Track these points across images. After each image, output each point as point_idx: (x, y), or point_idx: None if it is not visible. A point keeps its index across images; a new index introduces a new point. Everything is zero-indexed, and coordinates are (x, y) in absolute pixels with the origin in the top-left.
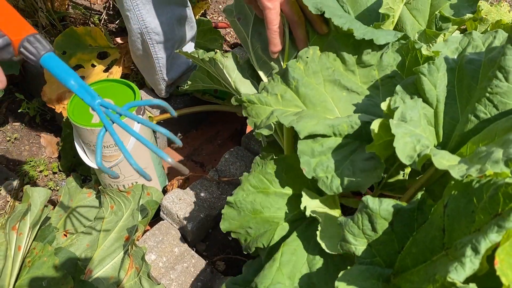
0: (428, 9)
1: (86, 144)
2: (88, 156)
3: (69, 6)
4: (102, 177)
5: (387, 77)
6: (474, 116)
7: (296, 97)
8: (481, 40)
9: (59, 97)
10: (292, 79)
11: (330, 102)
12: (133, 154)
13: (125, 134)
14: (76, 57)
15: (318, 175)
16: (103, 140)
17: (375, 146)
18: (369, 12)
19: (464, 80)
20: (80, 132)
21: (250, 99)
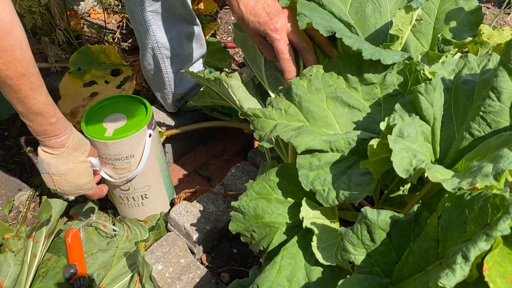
0: (431, 32)
1: (99, 157)
2: (102, 168)
3: (84, 25)
4: (112, 189)
5: (390, 95)
6: (469, 134)
7: (299, 112)
8: (476, 63)
9: (73, 111)
10: (295, 95)
11: (331, 117)
12: (144, 169)
13: (137, 147)
14: (90, 73)
15: (316, 187)
16: (116, 152)
17: (369, 162)
18: (377, 33)
19: (460, 100)
20: (94, 145)
21: (256, 113)
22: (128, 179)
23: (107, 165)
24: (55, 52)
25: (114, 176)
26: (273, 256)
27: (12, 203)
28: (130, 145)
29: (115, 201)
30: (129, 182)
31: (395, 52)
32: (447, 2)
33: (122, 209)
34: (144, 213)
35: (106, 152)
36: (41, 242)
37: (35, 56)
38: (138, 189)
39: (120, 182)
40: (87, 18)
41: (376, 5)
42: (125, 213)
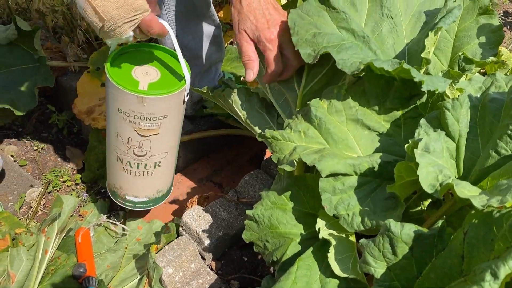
0: (450, 50)
1: (125, 114)
2: (125, 134)
3: None
4: (120, 153)
5: (410, 117)
6: (495, 152)
7: (319, 134)
8: (504, 81)
9: (89, 110)
10: (314, 117)
11: (352, 140)
12: (171, 133)
13: (174, 106)
14: None
15: (340, 212)
16: (150, 111)
17: (396, 186)
18: (397, 55)
19: (486, 118)
20: (123, 99)
21: (274, 135)
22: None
23: (129, 126)
24: (75, 52)
25: (133, 138)
26: (287, 267)
27: (23, 199)
28: (169, 103)
29: (113, 169)
30: (150, 146)
31: (443, 79)
32: (467, 20)
33: (123, 178)
34: (150, 185)
35: (137, 109)
36: (53, 238)
37: (54, 55)
38: (156, 155)
39: (138, 147)
40: None
41: (392, 24)
42: (125, 184)
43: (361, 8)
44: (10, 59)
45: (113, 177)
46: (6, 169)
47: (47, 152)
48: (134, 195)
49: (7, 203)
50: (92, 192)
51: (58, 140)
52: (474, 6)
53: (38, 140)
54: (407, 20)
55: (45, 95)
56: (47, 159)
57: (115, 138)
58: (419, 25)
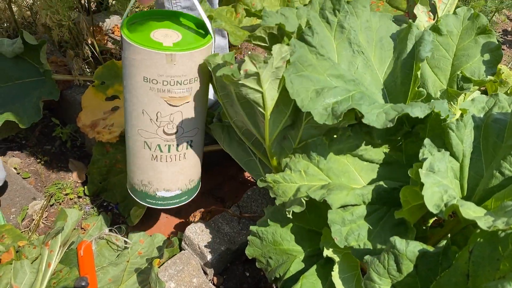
0: (449, 68)
1: (153, 82)
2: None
3: (108, 41)
4: (148, 137)
5: (411, 141)
6: (499, 173)
7: (320, 171)
8: (507, 102)
9: (93, 123)
10: (314, 154)
11: (353, 171)
12: (194, 105)
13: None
14: (113, 88)
15: (350, 243)
16: (180, 72)
17: (404, 211)
18: (378, 90)
19: (490, 138)
20: (148, 60)
21: (275, 179)
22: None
23: (157, 97)
24: (80, 66)
25: (163, 112)
26: (291, 285)
27: (26, 212)
28: (199, 61)
29: (140, 160)
30: (181, 120)
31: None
32: (466, 39)
33: (153, 169)
34: (183, 172)
35: (167, 72)
36: (56, 251)
37: (59, 69)
38: (187, 132)
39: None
40: (110, 34)
41: (365, 60)
42: (155, 176)
43: (329, 48)
44: (16, 72)
45: (139, 172)
46: (9, 181)
47: (50, 164)
48: (166, 189)
49: (9, 215)
50: (95, 205)
51: (61, 152)
52: (472, 26)
53: (42, 153)
54: (372, 51)
55: (50, 108)
56: (50, 172)
57: (140, 119)
58: (385, 54)
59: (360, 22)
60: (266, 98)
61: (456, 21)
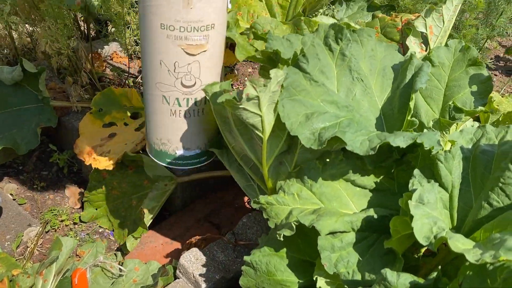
0: (441, 98)
1: (170, 28)
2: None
3: (106, 68)
4: (167, 90)
5: (402, 170)
6: (487, 204)
7: (312, 195)
8: (494, 133)
9: (90, 150)
10: (307, 178)
11: (345, 197)
12: (211, 55)
13: (220, 13)
14: (111, 115)
15: (340, 270)
16: (197, 17)
17: (393, 241)
18: (376, 116)
19: (478, 169)
20: (170, 7)
21: (269, 200)
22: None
23: (174, 46)
24: (78, 93)
25: (180, 62)
26: None
27: (21, 239)
28: (215, 7)
29: (159, 117)
30: (199, 71)
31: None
32: (457, 70)
33: (172, 125)
34: (201, 129)
35: (184, 17)
36: (50, 281)
37: (57, 95)
38: (204, 82)
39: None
40: (109, 61)
41: (364, 87)
42: (174, 133)
43: (330, 75)
44: (14, 98)
45: (158, 130)
46: (4, 207)
47: (47, 190)
48: (186, 147)
49: (4, 242)
50: (90, 231)
51: (58, 178)
52: (463, 58)
53: (38, 179)
54: (374, 79)
55: (47, 133)
56: (46, 198)
57: (158, 70)
58: (386, 83)
59: (364, 51)
60: (264, 121)
61: (448, 53)
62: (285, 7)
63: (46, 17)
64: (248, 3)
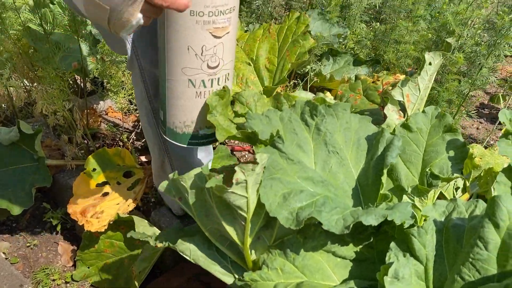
0: (420, 163)
1: (199, 15)
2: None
3: (102, 123)
4: (193, 73)
5: (381, 239)
6: (459, 277)
7: (295, 269)
8: (465, 207)
9: (83, 210)
10: (290, 251)
11: (327, 268)
12: (232, 35)
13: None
14: (104, 174)
15: None
16: (222, 1)
17: None
18: (352, 190)
19: (450, 242)
20: None
21: (253, 277)
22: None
23: (203, 31)
24: (73, 151)
25: (207, 45)
26: None
27: None
28: None
29: (185, 101)
30: (222, 52)
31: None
32: (434, 136)
33: (197, 107)
34: None
35: (213, 2)
36: None
37: (52, 153)
38: (226, 63)
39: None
40: (104, 116)
41: (339, 159)
42: (200, 114)
43: (307, 148)
44: (10, 158)
45: (182, 113)
46: None
47: (40, 248)
48: (208, 126)
49: None
50: None
51: (51, 236)
52: (440, 124)
53: (31, 236)
54: (349, 150)
55: (41, 190)
56: (39, 256)
57: (185, 56)
58: (361, 153)
59: (340, 123)
60: (249, 202)
61: (425, 119)
62: (272, 70)
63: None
64: (238, 67)
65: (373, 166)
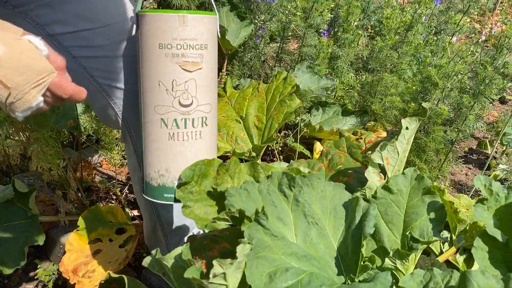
0: (402, 224)
1: (167, 47)
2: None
3: (96, 175)
4: (165, 111)
5: None
6: None
7: None
8: (441, 278)
9: (75, 268)
10: None
11: None
12: (206, 73)
13: (211, 37)
14: (96, 231)
15: None
16: (192, 35)
17: None
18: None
19: None
20: (167, 27)
21: None
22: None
23: (172, 63)
24: (67, 208)
25: (178, 80)
26: None
27: None
28: (208, 28)
29: (157, 145)
30: (195, 89)
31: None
32: (414, 198)
33: (170, 151)
34: (200, 154)
35: (180, 35)
36: None
37: (46, 208)
38: (202, 105)
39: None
40: (98, 168)
41: (319, 229)
42: (173, 160)
43: (287, 221)
44: (4, 216)
45: (156, 160)
46: None
47: None
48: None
49: None
50: None
51: None
52: (419, 186)
53: None
54: (327, 220)
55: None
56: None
57: (156, 92)
58: (338, 222)
59: (315, 193)
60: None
61: (405, 181)
62: (261, 128)
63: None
64: (228, 125)
65: (351, 235)
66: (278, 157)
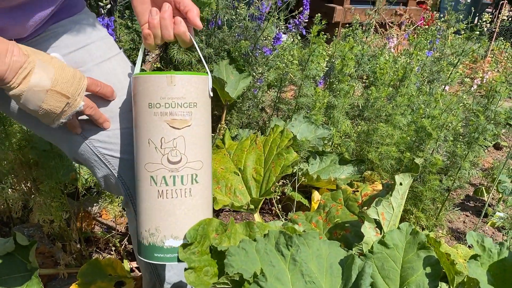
0: (398, 279)
1: (156, 106)
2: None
3: (95, 225)
4: (154, 169)
5: None
6: None
7: None
8: None
9: None
10: None
11: None
12: (202, 131)
13: (201, 96)
14: (96, 284)
15: None
16: (180, 94)
17: None
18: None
19: None
20: (151, 86)
21: None
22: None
23: (160, 121)
24: (66, 260)
25: (166, 137)
26: None
27: None
28: (196, 87)
29: (147, 204)
30: (184, 146)
31: None
32: (410, 252)
33: (160, 210)
34: (190, 214)
35: (168, 94)
36: None
37: (46, 260)
38: (191, 162)
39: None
40: (98, 218)
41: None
42: (162, 218)
43: (285, 280)
44: (4, 268)
45: (147, 218)
46: None
47: None
48: (174, 236)
49: None
50: None
51: None
52: (414, 241)
53: None
54: (323, 278)
55: None
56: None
57: (147, 150)
58: (335, 280)
59: (311, 251)
60: None
61: (400, 235)
62: (259, 181)
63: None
64: (226, 177)
65: None
66: (276, 206)
